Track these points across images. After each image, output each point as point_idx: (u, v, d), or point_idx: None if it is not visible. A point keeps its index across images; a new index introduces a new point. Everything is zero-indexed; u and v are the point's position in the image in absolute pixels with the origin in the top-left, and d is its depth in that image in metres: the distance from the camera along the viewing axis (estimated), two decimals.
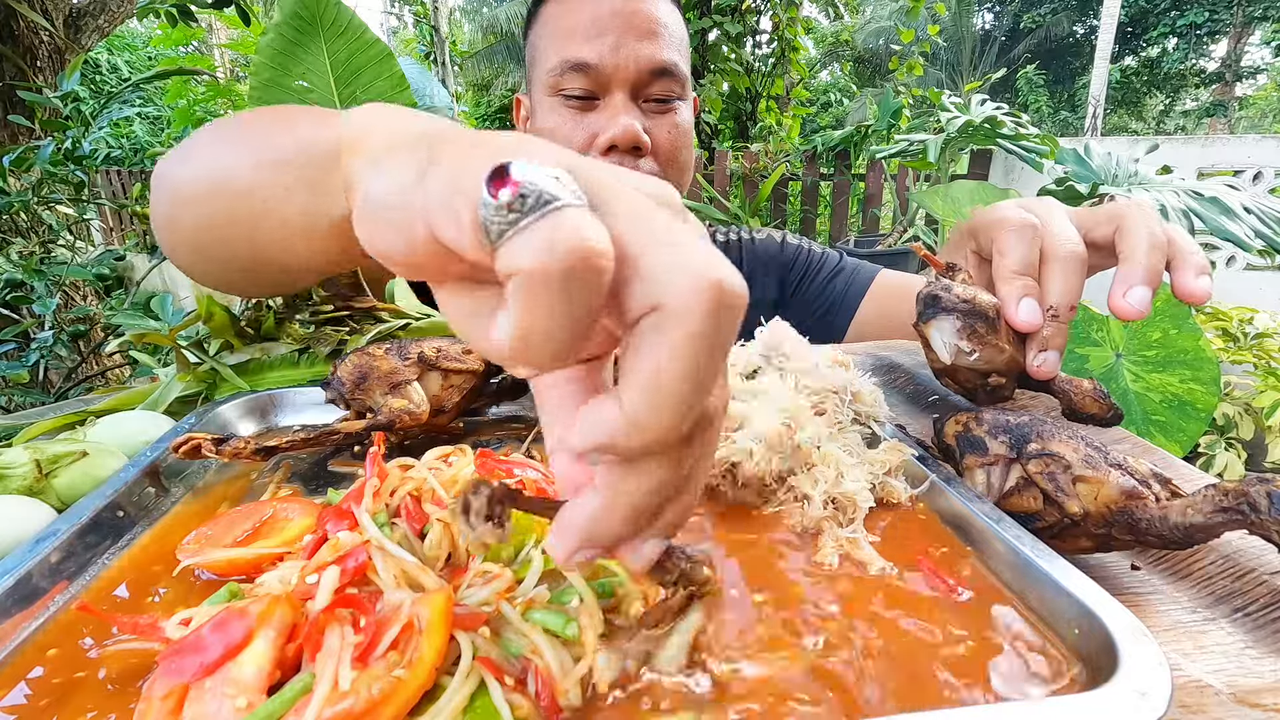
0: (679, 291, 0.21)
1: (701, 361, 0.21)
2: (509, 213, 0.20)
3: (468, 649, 0.31)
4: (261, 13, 7.52)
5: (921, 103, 5.62)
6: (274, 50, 2.32)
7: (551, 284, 0.20)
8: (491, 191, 0.20)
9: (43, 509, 0.48)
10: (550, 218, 0.20)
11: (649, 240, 0.22)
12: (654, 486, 0.23)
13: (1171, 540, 0.42)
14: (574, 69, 0.89)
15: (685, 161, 0.99)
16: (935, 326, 0.55)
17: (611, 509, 0.24)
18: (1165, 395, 2.21)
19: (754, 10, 5.77)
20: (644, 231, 0.22)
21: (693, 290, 0.21)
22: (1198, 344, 2.20)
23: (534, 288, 0.20)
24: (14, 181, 1.78)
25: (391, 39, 14.12)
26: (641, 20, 0.89)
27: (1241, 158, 3.94)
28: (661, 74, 0.91)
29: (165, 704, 0.29)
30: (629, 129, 0.88)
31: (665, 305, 0.21)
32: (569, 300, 0.20)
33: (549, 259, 0.20)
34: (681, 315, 0.21)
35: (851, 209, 5.32)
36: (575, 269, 0.20)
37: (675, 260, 0.21)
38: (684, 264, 0.21)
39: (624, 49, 0.88)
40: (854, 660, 0.35)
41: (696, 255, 0.21)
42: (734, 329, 0.22)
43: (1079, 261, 0.54)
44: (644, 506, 0.24)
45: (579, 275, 0.20)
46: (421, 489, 0.44)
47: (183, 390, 0.68)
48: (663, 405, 0.21)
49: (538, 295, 0.20)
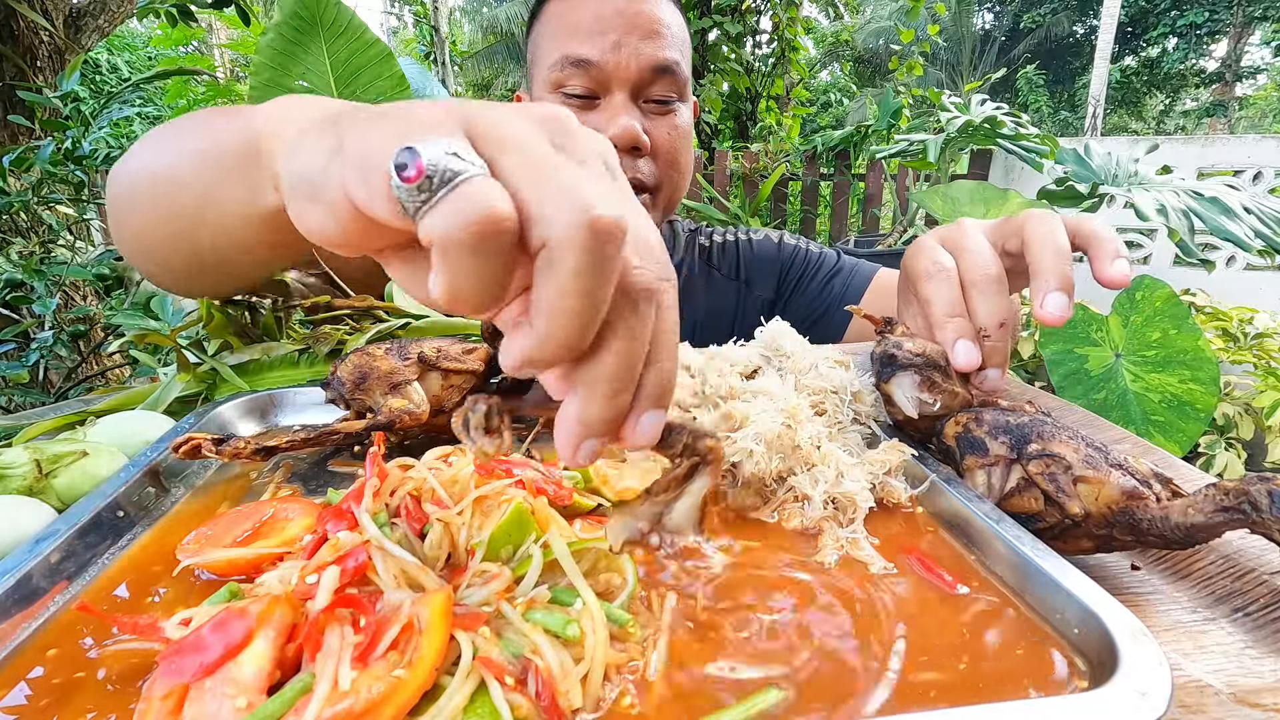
0: (561, 228, 0.24)
1: (586, 284, 0.24)
2: (419, 192, 0.24)
3: (468, 649, 0.31)
4: (261, 13, 7.52)
5: (921, 103, 5.62)
6: (274, 50, 2.32)
7: (465, 248, 0.23)
8: (402, 176, 0.24)
9: (43, 509, 0.48)
10: (457, 190, 0.24)
11: (540, 186, 0.25)
12: (614, 370, 0.27)
13: (1173, 540, 0.42)
14: (575, 65, 0.88)
15: (684, 164, 0.99)
16: (895, 384, 0.57)
17: (590, 398, 0.27)
18: (1165, 395, 2.21)
19: (754, 10, 5.77)
20: (536, 180, 0.25)
21: (572, 226, 0.24)
22: (1197, 344, 2.20)
23: (450, 252, 0.23)
24: (14, 181, 1.78)
25: (391, 39, 14.11)
26: (644, 20, 0.89)
27: (1241, 158, 3.94)
28: (663, 73, 0.91)
29: (165, 704, 0.29)
30: (628, 129, 0.88)
31: (550, 242, 0.24)
32: (483, 258, 0.24)
33: (460, 228, 0.23)
34: (564, 249, 0.24)
35: (851, 209, 5.32)
36: (483, 233, 0.23)
37: (559, 200, 0.24)
38: (567, 203, 0.24)
39: (626, 47, 0.88)
40: (853, 660, 0.35)
41: (578, 194, 0.24)
42: (615, 251, 0.25)
43: (995, 283, 0.57)
44: (617, 386, 0.27)
45: (487, 237, 0.23)
46: (421, 489, 0.44)
47: (183, 390, 0.68)
48: (561, 324, 0.25)
49: (455, 258, 0.24)
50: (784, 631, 0.38)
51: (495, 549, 0.40)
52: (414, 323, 0.76)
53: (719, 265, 1.17)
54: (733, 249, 1.19)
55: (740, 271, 1.17)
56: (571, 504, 0.47)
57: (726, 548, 0.46)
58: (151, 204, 0.59)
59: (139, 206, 0.60)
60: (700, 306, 1.13)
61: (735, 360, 0.65)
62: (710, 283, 1.16)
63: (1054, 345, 2.34)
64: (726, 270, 1.17)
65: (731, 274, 1.17)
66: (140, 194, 0.60)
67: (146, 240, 0.62)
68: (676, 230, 1.19)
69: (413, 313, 0.78)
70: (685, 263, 1.16)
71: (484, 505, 0.42)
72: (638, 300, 0.27)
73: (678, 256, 1.16)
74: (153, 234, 0.60)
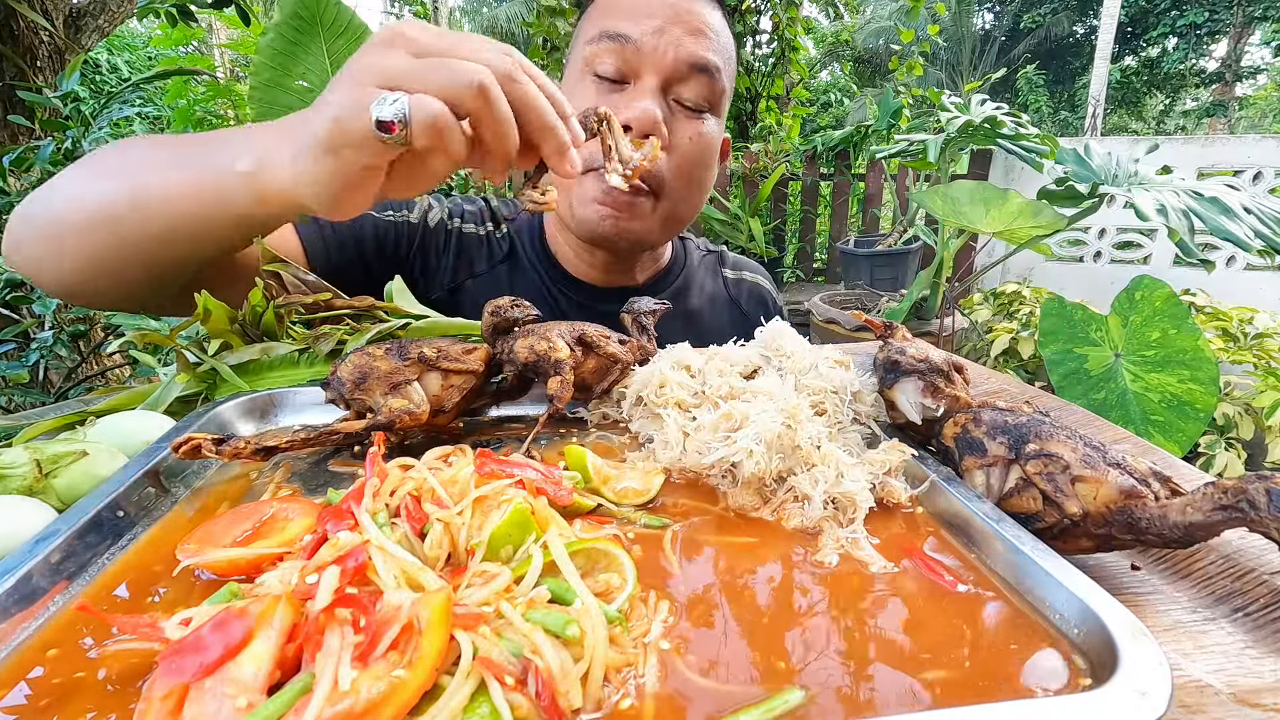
0: (457, 89, 0.49)
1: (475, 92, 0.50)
2: (396, 133, 0.48)
3: (468, 649, 0.31)
4: (261, 13, 7.51)
5: (921, 103, 5.62)
6: (274, 50, 2.32)
7: (437, 130, 0.49)
8: (385, 131, 0.48)
9: (43, 509, 0.48)
10: (413, 121, 0.48)
11: (441, 87, 0.49)
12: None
13: (1172, 539, 0.42)
14: (611, 39, 0.85)
15: (701, 179, 0.94)
16: (899, 390, 0.58)
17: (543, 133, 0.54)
18: (1164, 395, 2.21)
19: (754, 10, 5.77)
20: (435, 83, 0.49)
21: (459, 85, 0.49)
22: (1197, 344, 2.20)
23: (429, 134, 0.49)
24: (14, 181, 1.77)
25: None
26: (693, 17, 0.86)
27: (1241, 158, 3.94)
28: (700, 71, 0.87)
29: (165, 704, 0.29)
30: (647, 112, 0.83)
31: (452, 98, 0.50)
32: (449, 129, 0.49)
33: (423, 122, 0.48)
34: (461, 97, 0.50)
35: (851, 209, 5.33)
36: (441, 125, 0.49)
37: (442, 79, 0.49)
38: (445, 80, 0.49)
39: (667, 35, 0.85)
40: (854, 660, 0.35)
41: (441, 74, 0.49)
42: (467, 79, 0.49)
43: None
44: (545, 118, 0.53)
45: (444, 127, 0.49)
46: (421, 489, 0.44)
47: (183, 390, 0.68)
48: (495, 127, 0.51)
49: (435, 138, 0.49)
50: (784, 631, 0.38)
51: (495, 549, 0.40)
52: (414, 323, 0.76)
53: (738, 298, 1.17)
54: (752, 290, 1.20)
55: (757, 312, 1.18)
56: (571, 504, 0.47)
57: (727, 548, 0.46)
58: (113, 227, 0.64)
59: (97, 230, 0.65)
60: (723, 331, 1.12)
61: (735, 360, 0.65)
62: (731, 315, 1.15)
63: (1054, 345, 2.34)
64: (751, 309, 1.18)
65: (757, 313, 1.18)
66: (98, 220, 0.64)
67: (102, 261, 0.66)
68: (689, 249, 1.17)
69: (413, 313, 0.78)
70: (705, 288, 1.14)
71: (484, 505, 0.42)
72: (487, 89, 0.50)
73: (691, 276, 1.13)
74: (112, 253, 0.65)
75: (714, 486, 0.54)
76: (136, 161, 0.66)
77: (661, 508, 0.51)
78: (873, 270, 4.37)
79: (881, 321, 0.66)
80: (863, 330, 3.19)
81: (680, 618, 0.39)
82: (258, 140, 0.58)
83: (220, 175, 0.59)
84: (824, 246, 5.42)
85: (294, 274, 0.72)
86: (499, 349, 0.65)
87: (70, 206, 0.65)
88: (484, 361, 0.63)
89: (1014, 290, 3.49)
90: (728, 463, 0.53)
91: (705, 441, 0.55)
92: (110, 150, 0.69)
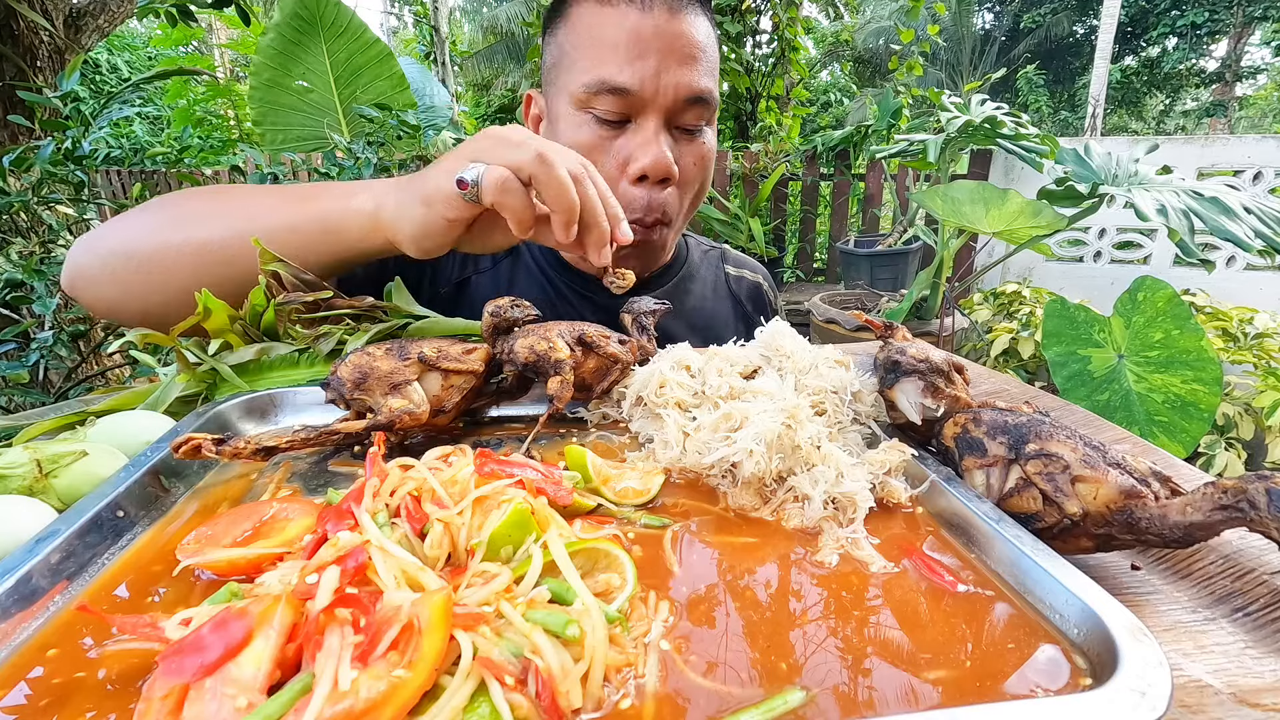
0: (528, 166, 0.64)
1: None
2: (469, 191, 0.64)
3: (468, 649, 0.31)
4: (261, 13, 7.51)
5: (921, 103, 5.62)
6: (274, 50, 2.32)
7: (502, 190, 0.63)
8: (460, 184, 0.64)
9: (43, 509, 0.48)
10: (484, 181, 0.63)
11: (510, 159, 0.64)
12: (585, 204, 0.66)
13: (1172, 539, 0.42)
14: (612, 92, 0.85)
15: (704, 185, 0.98)
16: (899, 390, 0.58)
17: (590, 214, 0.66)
18: (1168, 396, 2.21)
19: (754, 10, 5.77)
20: (506, 158, 0.64)
21: (527, 163, 0.64)
22: (1200, 344, 2.20)
23: (495, 192, 0.63)
24: (14, 181, 1.77)
25: (391, 39, 14.11)
26: (684, 44, 0.85)
27: (1241, 158, 3.94)
28: (696, 101, 0.88)
29: (165, 704, 0.29)
30: (661, 160, 0.85)
31: (525, 173, 0.65)
32: (513, 192, 0.64)
33: (492, 181, 0.63)
34: (536, 174, 0.64)
35: (851, 209, 5.32)
36: (506, 186, 0.63)
37: (514, 160, 0.64)
38: (515, 159, 0.64)
39: (665, 76, 0.84)
40: (854, 660, 0.35)
41: (517, 155, 0.64)
42: (541, 165, 0.64)
43: None
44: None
45: (509, 180, 0.63)
46: (421, 489, 0.44)
47: (183, 390, 0.68)
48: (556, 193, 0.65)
49: (505, 197, 0.64)
50: (785, 631, 0.38)
51: (495, 549, 0.40)
52: (414, 323, 0.76)
53: (738, 294, 1.19)
54: (752, 289, 1.21)
55: (755, 310, 1.20)
56: (571, 504, 0.47)
57: (727, 548, 0.46)
58: (226, 259, 0.73)
59: (206, 265, 0.73)
60: (725, 331, 1.13)
61: (735, 360, 0.65)
62: (734, 309, 1.17)
63: (1057, 347, 2.34)
64: (752, 307, 1.20)
65: (756, 312, 1.20)
66: (209, 256, 0.73)
67: (165, 295, 0.73)
68: (690, 245, 1.18)
69: (413, 313, 0.78)
70: (707, 281, 1.16)
71: (484, 505, 0.42)
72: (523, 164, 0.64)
73: (694, 271, 1.15)
74: (216, 284, 0.71)
75: (714, 486, 0.54)
76: (239, 206, 0.77)
77: (661, 508, 0.51)
78: (873, 270, 4.36)
79: (881, 321, 0.66)
80: (863, 330, 3.19)
81: (680, 618, 0.39)
82: (375, 188, 0.73)
83: (344, 212, 0.72)
84: (824, 246, 5.42)
85: (294, 274, 0.72)
86: (499, 349, 0.65)
87: (167, 246, 0.74)
88: (484, 361, 0.63)
89: (1014, 290, 3.49)
90: (728, 463, 0.53)
91: (705, 441, 0.55)
92: (184, 199, 0.79)
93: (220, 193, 0.81)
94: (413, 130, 2.49)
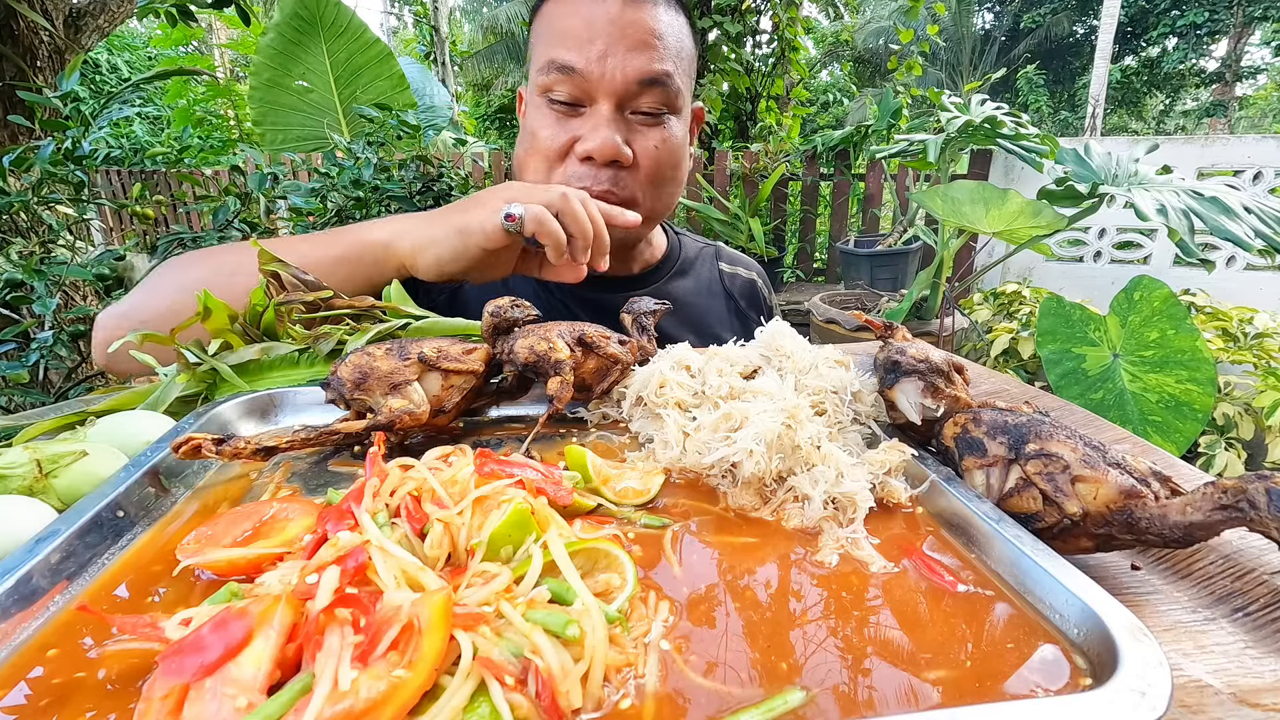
0: (555, 203, 0.80)
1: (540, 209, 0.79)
2: (515, 223, 0.78)
3: (468, 649, 0.31)
4: (261, 13, 7.51)
5: (921, 103, 5.62)
6: (274, 50, 2.32)
7: (542, 223, 0.78)
8: (508, 219, 0.78)
9: (43, 509, 0.48)
10: (527, 214, 0.78)
11: (543, 199, 0.80)
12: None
13: (1171, 539, 0.42)
14: (560, 71, 0.87)
15: (671, 177, 0.97)
16: (899, 390, 0.58)
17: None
18: (1162, 396, 2.21)
19: (754, 10, 5.77)
20: (540, 198, 0.80)
21: (554, 202, 0.80)
22: (1195, 344, 2.20)
23: (536, 222, 0.78)
24: (14, 181, 1.77)
25: (391, 39, 14.10)
26: (636, 30, 0.87)
27: (1241, 158, 3.93)
28: (651, 85, 0.88)
29: (165, 704, 0.29)
30: (607, 143, 0.87)
31: (555, 207, 0.81)
32: (550, 223, 0.78)
33: (534, 215, 0.78)
34: (563, 208, 0.80)
35: (851, 209, 5.32)
36: (544, 216, 0.78)
37: (547, 200, 0.80)
38: (547, 199, 0.80)
39: (612, 58, 0.86)
40: (854, 660, 0.35)
41: (548, 196, 0.81)
42: (564, 203, 0.80)
43: None
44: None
45: (545, 218, 0.78)
46: (421, 489, 0.44)
47: (183, 390, 0.68)
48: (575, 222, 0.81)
49: (543, 227, 0.78)
50: (785, 631, 0.38)
51: (495, 549, 0.40)
52: (414, 323, 0.76)
53: (732, 291, 1.20)
54: (746, 285, 1.21)
55: (752, 308, 1.21)
56: (571, 504, 0.47)
57: (727, 548, 0.46)
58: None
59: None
60: (723, 331, 1.14)
61: (735, 360, 0.65)
62: (727, 306, 1.17)
63: (1051, 345, 2.34)
64: (746, 304, 1.20)
65: (751, 309, 1.20)
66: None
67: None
68: (684, 242, 1.19)
69: (413, 313, 0.78)
70: (700, 277, 1.16)
71: (484, 505, 0.42)
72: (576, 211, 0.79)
73: (687, 267, 1.15)
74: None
75: (714, 486, 0.54)
76: (284, 253, 0.81)
77: (661, 508, 0.51)
78: (873, 270, 4.36)
79: (881, 321, 0.66)
80: (863, 330, 3.19)
81: (680, 618, 0.39)
82: (393, 224, 0.84)
83: (383, 248, 0.83)
84: (824, 246, 5.42)
85: (294, 274, 0.72)
86: (499, 349, 0.65)
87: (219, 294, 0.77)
88: (484, 361, 0.63)
89: (1014, 290, 3.49)
90: (728, 463, 0.53)
91: (705, 441, 0.55)
92: (217, 254, 0.88)
93: (243, 248, 0.84)
94: (413, 130, 2.49)
